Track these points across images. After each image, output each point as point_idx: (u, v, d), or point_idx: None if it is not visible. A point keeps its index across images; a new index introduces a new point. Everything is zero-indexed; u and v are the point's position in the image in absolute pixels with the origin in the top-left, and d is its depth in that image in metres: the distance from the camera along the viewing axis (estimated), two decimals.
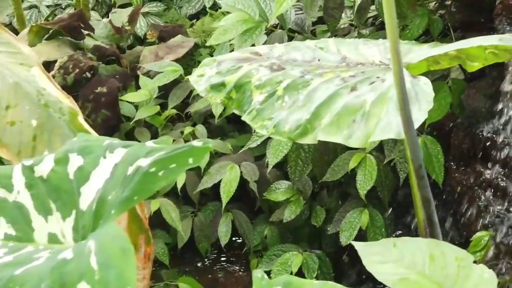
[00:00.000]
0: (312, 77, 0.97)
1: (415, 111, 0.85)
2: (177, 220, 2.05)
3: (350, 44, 1.07)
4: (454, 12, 1.79)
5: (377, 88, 0.91)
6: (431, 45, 1.03)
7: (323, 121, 0.91)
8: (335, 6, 1.71)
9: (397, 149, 1.88)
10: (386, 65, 0.98)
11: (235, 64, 1.09)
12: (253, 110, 1.00)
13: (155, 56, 2.56)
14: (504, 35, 0.96)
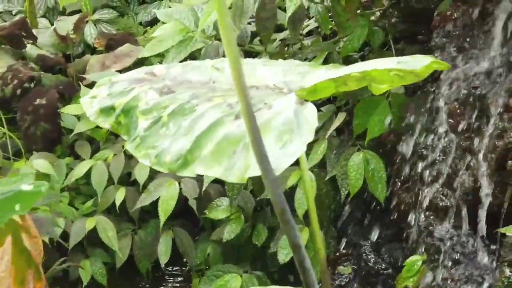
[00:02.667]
0: (199, 102, 0.89)
1: (295, 142, 0.77)
2: (113, 239, 1.97)
3: (248, 64, 1.00)
4: (396, 23, 1.72)
5: (262, 115, 0.83)
6: (329, 67, 0.95)
7: (203, 152, 0.83)
8: (267, 16, 1.63)
9: (339, 165, 1.81)
10: (279, 89, 0.90)
11: (128, 85, 1.00)
12: (137, 137, 0.91)
13: (101, 66, 2.47)
14: (403, 57, 0.89)
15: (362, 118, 1.70)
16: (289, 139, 0.78)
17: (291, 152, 0.76)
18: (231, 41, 0.61)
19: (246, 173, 0.78)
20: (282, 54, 1.88)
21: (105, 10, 2.87)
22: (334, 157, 1.83)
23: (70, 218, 2.06)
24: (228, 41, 0.61)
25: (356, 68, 0.91)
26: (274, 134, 0.79)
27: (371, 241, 1.83)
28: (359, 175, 1.73)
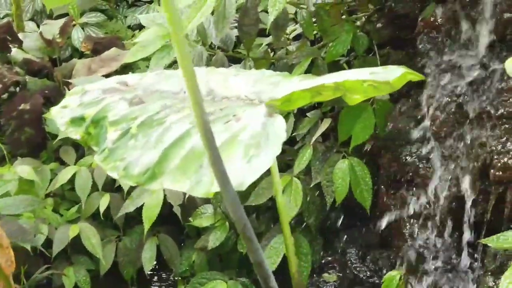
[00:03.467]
0: (168, 114, 0.88)
1: (262, 157, 0.75)
2: (97, 246, 1.94)
3: (220, 74, 0.98)
4: (380, 28, 1.70)
5: (230, 128, 0.81)
6: (302, 77, 0.93)
7: (171, 165, 0.81)
8: (250, 22, 1.61)
9: (324, 172, 1.79)
10: (250, 100, 0.89)
11: (99, 95, 0.99)
12: (105, 149, 0.89)
13: (88, 70, 2.45)
14: (376, 68, 0.87)
15: (347, 124, 1.68)
16: (256, 153, 0.76)
17: (257, 168, 0.74)
18: (185, 58, 0.59)
19: (212, 188, 0.76)
20: (267, 59, 1.86)
21: (93, 13, 2.85)
22: (319, 164, 1.81)
23: (54, 225, 2.04)
24: (183, 58, 0.59)
25: (329, 79, 0.89)
26: (241, 148, 0.77)
27: (356, 248, 1.81)
28: (344, 182, 1.71)
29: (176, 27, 0.57)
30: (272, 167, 0.92)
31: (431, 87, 1.46)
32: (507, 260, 1.35)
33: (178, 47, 0.58)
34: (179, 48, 0.59)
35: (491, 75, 1.36)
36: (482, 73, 1.38)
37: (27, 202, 1.99)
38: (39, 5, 2.98)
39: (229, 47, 1.81)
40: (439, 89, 1.44)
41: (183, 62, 0.59)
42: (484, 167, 1.33)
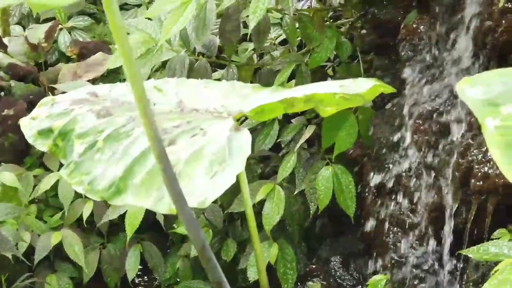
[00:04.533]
0: (135, 126, 0.86)
1: (225, 173, 0.73)
2: (80, 254, 1.92)
3: (191, 86, 0.96)
4: (364, 34, 1.69)
5: (196, 142, 0.79)
6: (273, 89, 0.92)
7: (135, 181, 0.79)
8: (231, 29, 1.59)
9: (307, 179, 1.77)
10: (219, 113, 0.87)
11: (68, 106, 0.97)
12: (71, 162, 0.88)
13: (73, 75, 2.43)
14: (345, 81, 0.85)
15: (330, 132, 1.67)
16: (220, 169, 0.74)
17: (220, 184, 0.73)
18: (135, 74, 0.57)
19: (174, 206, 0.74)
20: (250, 65, 1.84)
21: (80, 17, 2.83)
22: (303, 171, 1.79)
23: (38, 232, 2.02)
24: (132, 74, 0.57)
25: (299, 91, 0.87)
26: (205, 163, 0.75)
27: (340, 256, 1.80)
28: (327, 189, 1.69)
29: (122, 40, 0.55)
30: (241, 178, 0.90)
31: (412, 95, 1.45)
32: (488, 271, 1.34)
33: (126, 62, 0.56)
34: (127, 63, 0.57)
35: None
36: None
37: (10, 209, 1.97)
38: (26, 9, 2.95)
39: (212, 53, 1.80)
40: (420, 97, 1.43)
41: (132, 79, 0.57)
42: (465, 177, 1.32)
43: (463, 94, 0.47)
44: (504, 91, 0.47)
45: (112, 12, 0.53)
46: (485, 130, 0.46)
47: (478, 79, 0.48)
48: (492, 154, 0.45)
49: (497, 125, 0.46)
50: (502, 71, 0.49)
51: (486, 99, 0.47)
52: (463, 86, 0.48)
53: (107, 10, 0.53)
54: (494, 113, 0.47)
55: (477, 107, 0.47)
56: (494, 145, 0.45)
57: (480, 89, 0.48)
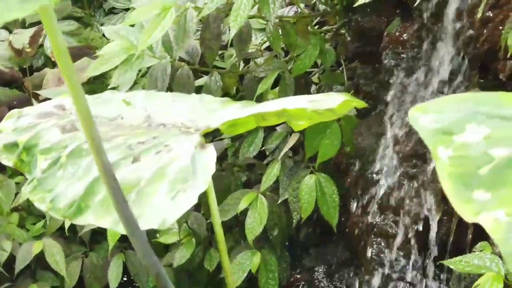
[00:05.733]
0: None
1: (188, 193, 0.71)
2: (61, 263, 1.90)
3: (159, 99, 0.94)
4: (348, 42, 1.67)
5: (160, 160, 0.77)
6: (241, 104, 0.89)
7: (96, 200, 0.77)
8: (212, 37, 1.57)
9: (291, 188, 1.75)
10: (186, 128, 0.84)
11: (33, 120, 0.94)
12: (34, 179, 0.85)
13: (58, 80, 2.40)
14: (316, 95, 0.83)
15: (313, 141, 1.64)
16: (182, 189, 0.72)
17: (182, 204, 0.70)
18: (76, 90, 0.54)
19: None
20: (234, 72, 1.82)
21: (66, 21, 2.80)
22: (286, 179, 1.77)
23: (19, 240, 1.99)
24: (74, 92, 0.54)
25: (268, 106, 0.85)
26: (167, 182, 0.73)
27: (324, 266, 1.77)
28: (311, 198, 1.67)
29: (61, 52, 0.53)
30: (209, 194, 0.88)
31: (394, 103, 1.43)
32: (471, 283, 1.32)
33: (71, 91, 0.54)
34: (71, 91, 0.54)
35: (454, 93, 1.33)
36: (445, 91, 1.35)
37: None
38: None
39: (195, 60, 1.77)
40: (402, 106, 1.40)
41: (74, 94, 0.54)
42: None
43: (415, 122, 0.45)
44: (458, 118, 0.45)
45: (52, 31, 0.51)
46: (437, 160, 0.44)
47: (431, 106, 0.46)
48: (443, 186, 0.43)
49: (450, 155, 0.44)
50: (456, 97, 0.47)
51: (439, 128, 0.45)
52: (415, 114, 0.45)
53: (46, 28, 0.51)
54: (447, 142, 0.44)
55: (428, 136, 0.44)
56: (446, 177, 0.43)
57: (433, 117, 0.45)
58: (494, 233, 0.39)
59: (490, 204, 0.41)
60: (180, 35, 1.51)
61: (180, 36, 1.52)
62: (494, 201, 0.41)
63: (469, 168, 0.43)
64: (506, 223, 0.40)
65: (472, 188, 0.42)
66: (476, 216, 0.41)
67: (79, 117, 0.55)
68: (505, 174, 0.42)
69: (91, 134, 0.56)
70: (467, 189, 0.42)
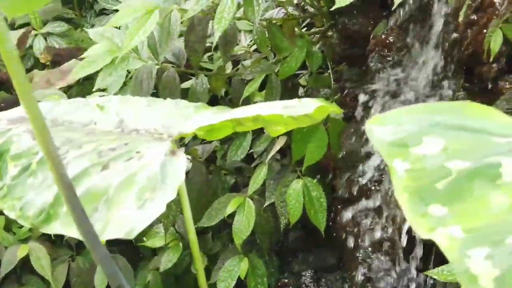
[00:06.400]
0: (70, 149, 0.82)
1: (156, 202, 0.69)
2: (47, 267, 1.88)
3: (134, 104, 0.92)
4: (335, 44, 1.65)
5: (130, 167, 0.75)
6: (215, 110, 0.88)
7: (64, 208, 0.75)
8: (196, 39, 1.55)
9: (278, 192, 1.73)
10: (159, 134, 0.83)
11: (5, 125, 0.93)
12: (4, 186, 0.83)
13: (46, 82, 2.38)
14: (290, 101, 0.82)
15: (300, 144, 1.63)
16: (150, 197, 0.70)
17: (149, 213, 0.68)
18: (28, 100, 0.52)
19: (104, 235, 0.70)
20: (220, 74, 1.80)
21: (56, 23, 2.78)
22: (274, 183, 1.75)
23: (5, 244, 1.97)
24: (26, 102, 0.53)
25: (241, 112, 0.83)
26: (136, 191, 0.71)
27: (312, 270, 1.76)
28: (298, 203, 1.66)
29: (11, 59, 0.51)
30: (183, 201, 0.86)
31: (380, 107, 1.41)
32: None
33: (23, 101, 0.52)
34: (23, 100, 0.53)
35: (440, 97, 1.31)
36: (430, 95, 1.33)
37: None
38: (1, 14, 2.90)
39: (181, 62, 1.75)
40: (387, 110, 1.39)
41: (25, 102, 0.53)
42: None
43: (371, 135, 0.43)
44: (416, 130, 0.43)
45: (1, 39, 0.49)
46: (393, 173, 0.42)
47: (388, 118, 0.44)
48: (399, 200, 0.42)
49: (407, 168, 0.42)
50: (415, 108, 0.45)
51: (396, 140, 0.43)
52: (371, 126, 0.44)
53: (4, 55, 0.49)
54: (404, 155, 0.43)
55: (384, 148, 0.43)
56: (402, 190, 0.42)
57: (390, 129, 0.44)
58: (448, 251, 0.38)
59: (446, 219, 0.40)
60: (164, 37, 1.50)
61: (163, 38, 1.50)
62: (450, 216, 0.40)
63: (425, 182, 0.41)
64: (461, 240, 0.38)
65: (428, 202, 0.41)
66: (431, 232, 0.40)
67: (34, 129, 0.53)
68: (462, 188, 0.41)
69: (46, 146, 0.54)
70: (423, 204, 0.41)
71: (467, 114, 0.45)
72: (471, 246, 0.37)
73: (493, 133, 0.43)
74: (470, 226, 0.39)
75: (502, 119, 0.45)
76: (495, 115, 0.45)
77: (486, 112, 0.45)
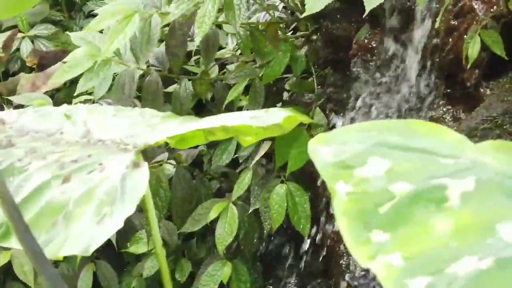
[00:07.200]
0: (33, 160, 0.80)
1: (115, 217, 0.67)
2: (29, 274, 1.86)
3: (101, 113, 0.90)
4: (319, 48, 1.63)
5: (90, 180, 0.73)
6: (182, 120, 0.86)
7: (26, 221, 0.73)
8: (177, 43, 1.53)
9: (262, 197, 1.71)
10: (125, 145, 0.81)
11: None
12: None
13: (32, 86, 2.36)
14: (257, 111, 0.80)
15: (283, 150, 1.61)
16: (109, 212, 0.68)
17: (107, 229, 0.66)
18: None
19: (61, 251, 0.69)
20: (203, 79, 1.78)
21: (43, 25, 2.76)
22: (258, 188, 1.74)
23: None
24: None
25: (208, 122, 0.82)
26: (95, 205, 0.69)
27: (297, 277, 1.74)
28: (281, 208, 1.64)
29: None
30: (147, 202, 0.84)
31: (361, 114, 1.40)
32: None
33: None
34: None
35: (421, 103, 1.30)
36: (412, 101, 1.32)
37: None
38: None
39: (165, 66, 1.73)
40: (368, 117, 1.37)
41: None
42: None
43: (314, 155, 0.41)
44: (361, 150, 0.41)
45: None
46: (335, 196, 0.40)
47: (333, 137, 0.42)
48: (339, 225, 0.40)
49: (349, 191, 0.40)
50: (361, 126, 0.44)
51: (339, 161, 0.41)
52: (315, 146, 0.42)
53: None
54: (347, 176, 0.41)
55: (326, 170, 0.41)
56: (343, 214, 0.40)
57: (334, 149, 0.42)
58: (385, 281, 0.36)
59: (387, 246, 0.38)
60: (144, 42, 1.48)
61: (144, 43, 1.48)
62: (391, 243, 0.38)
63: (368, 206, 0.39)
64: (400, 268, 0.36)
65: (370, 228, 0.39)
66: (371, 260, 0.38)
67: None
68: (405, 213, 0.39)
69: None
70: (364, 229, 0.39)
71: (417, 133, 0.43)
72: (409, 275, 0.35)
73: (441, 154, 0.41)
74: (411, 253, 0.37)
75: (452, 138, 0.43)
76: (445, 134, 0.43)
77: (436, 131, 0.43)
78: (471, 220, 0.38)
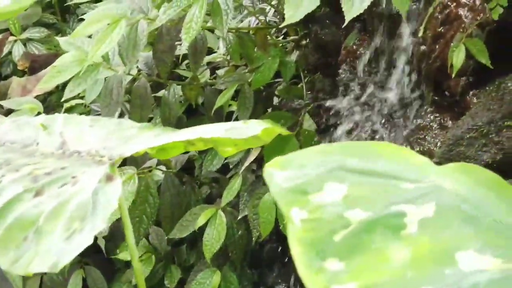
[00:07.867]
0: (6, 172, 0.78)
1: (84, 233, 0.66)
2: (18, 280, 1.84)
3: (77, 123, 0.89)
4: (308, 54, 1.62)
5: (63, 194, 0.72)
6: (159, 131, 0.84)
7: None
8: (165, 49, 1.52)
9: (251, 204, 1.70)
10: (100, 157, 0.79)
11: None
12: None
13: (23, 90, 2.35)
14: (235, 123, 0.79)
15: (272, 156, 1.59)
16: (79, 228, 0.67)
17: (77, 245, 0.65)
18: None
19: (30, 268, 0.67)
20: (192, 84, 1.77)
21: (36, 28, 2.75)
22: (247, 195, 1.72)
23: None
24: None
25: (185, 134, 0.80)
26: (64, 220, 0.68)
27: (287, 283, 1.73)
28: (270, 216, 1.62)
29: None
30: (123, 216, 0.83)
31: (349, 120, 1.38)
32: None
33: None
34: None
35: (408, 110, 1.28)
36: (399, 108, 1.30)
37: None
38: None
39: (153, 71, 1.72)
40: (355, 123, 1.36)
41: None
42: None
43: (269, 180, 0.40)
44: (318, 175, 0.40)
45: None
46: (289, 224, 0.39)
47: (290, 160, 0.41)
48: (293, 253, 0.38)
49: (304, 218, 0.39)
50: (321, 148, 0.42)
51: (295, 186, 0.40)
52: (271, 170, 0.41)
53: None
54: (303, 203, 0.39)
55: (281, 196, 0.39)
56: (297, 242, 0.38)
57: (291, 173, 0.40)
58: None
59: (342, 275, 0.36)
60: (131, 48, 1.47)
61: (130, 49, 1.47)
62: (346, 272, 0.37)
63: (322, 234, 0.38)
64: None
65: (324, 256, 0.37)
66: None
67: None
68: (361, 241, 0.38)
69: None
70: (318, 258, 0.37)
71: (380, 156, 0.42)
72: None
73: (403, 178, 0.40)
74: (367, 283, 0.35)
75: (416, 161, 0.42)
76: (409, 156, 0.42)
77: (400, 154, 0.42)
78: (429, 249, 0.36)
